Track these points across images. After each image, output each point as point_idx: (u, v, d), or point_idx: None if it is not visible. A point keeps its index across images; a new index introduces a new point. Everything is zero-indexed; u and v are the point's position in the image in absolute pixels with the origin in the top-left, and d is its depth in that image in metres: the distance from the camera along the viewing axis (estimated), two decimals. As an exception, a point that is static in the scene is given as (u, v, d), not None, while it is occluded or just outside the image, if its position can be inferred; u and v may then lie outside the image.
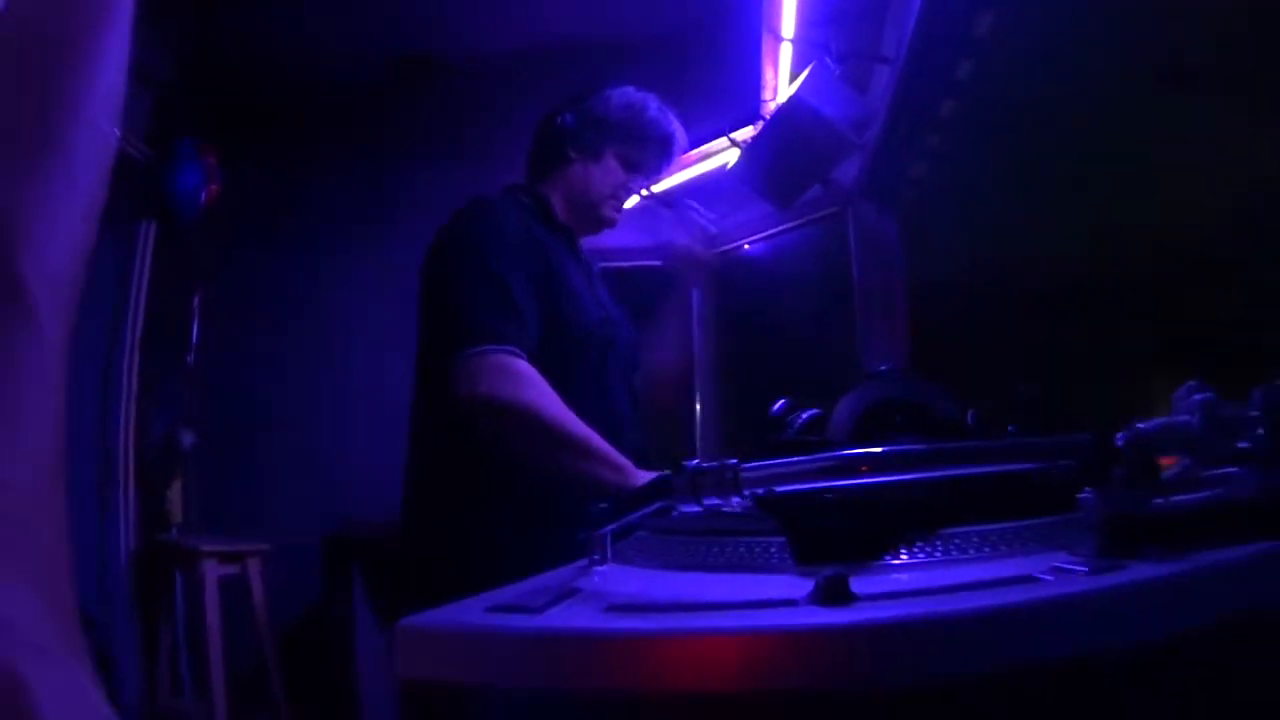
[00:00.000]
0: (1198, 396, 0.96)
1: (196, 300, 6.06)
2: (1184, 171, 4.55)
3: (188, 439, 5.72)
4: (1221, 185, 4.41)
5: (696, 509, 1.00)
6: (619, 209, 2.90)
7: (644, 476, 2.25)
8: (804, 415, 1.50)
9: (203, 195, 5.53)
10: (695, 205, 5.51)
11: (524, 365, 2.29)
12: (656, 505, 1.03)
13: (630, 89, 2.90)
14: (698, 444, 5.99)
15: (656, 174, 2.99)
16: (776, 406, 1.60)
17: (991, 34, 3.23)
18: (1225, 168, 4.40)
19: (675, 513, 1.04)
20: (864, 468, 0.89)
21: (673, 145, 2.93)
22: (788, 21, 4.04)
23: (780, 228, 5.29)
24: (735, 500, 0.97)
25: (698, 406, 6.04)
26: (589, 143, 2.82)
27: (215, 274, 6.13)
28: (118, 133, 1.04)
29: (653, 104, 2.88)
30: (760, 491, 0.96)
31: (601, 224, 2.89)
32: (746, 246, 5.70)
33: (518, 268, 2.45)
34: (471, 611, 0.89)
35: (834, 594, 0.78)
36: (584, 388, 2.49)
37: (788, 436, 1.48)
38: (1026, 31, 3.47)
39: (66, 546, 0.95)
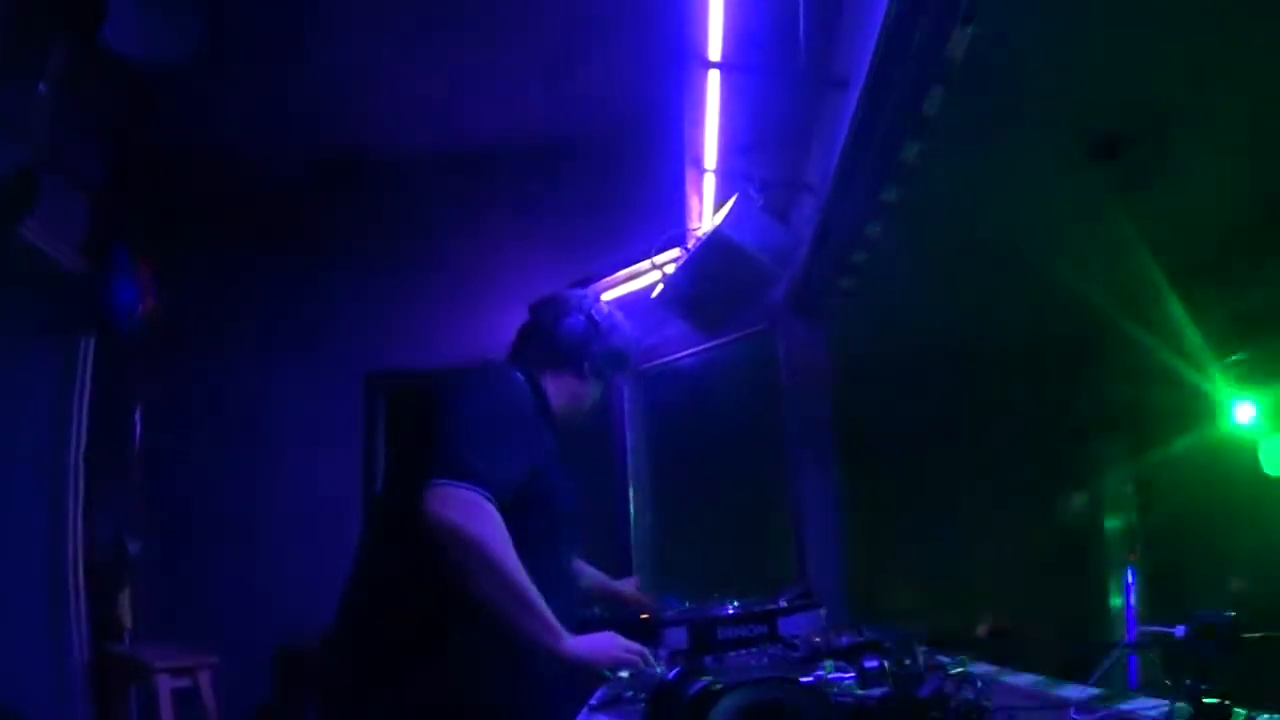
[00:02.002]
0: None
1: (138, 411, 6.07)
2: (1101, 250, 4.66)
3: (134, 546, 5.73)
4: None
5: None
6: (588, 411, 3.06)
7: (571, 641, 2.43)
8: (695, 686, 1.53)
9: (139, 308, 5.53)
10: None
11: (492, 509, 2.38)
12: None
13: (603, 305, 3.08)
14: (632, 542, 6.03)
15: (616, 377, 3.19)
16: (671, 674, 1.64)
17: (920, 159, 3.26)
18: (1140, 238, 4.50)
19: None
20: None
21: (633, 354, 3.14)
22: (709, 152, 4.08)
23: (708, 344, 5.33)
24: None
25: (631, 509, 6.07)
26: (575, 359, 2.95)
27: (155, 384, 6.14)
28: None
29: (622, 321, 3.06)
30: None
31: (577, 425, 3.03)
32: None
33: (521, 443, 2.62)
34: None
35: None
36: (549, 562, 2.64)
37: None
38: (959, 154, 3.51)
39: None
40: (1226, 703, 1.42)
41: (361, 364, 6.51)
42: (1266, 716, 1.47)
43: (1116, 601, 5.80)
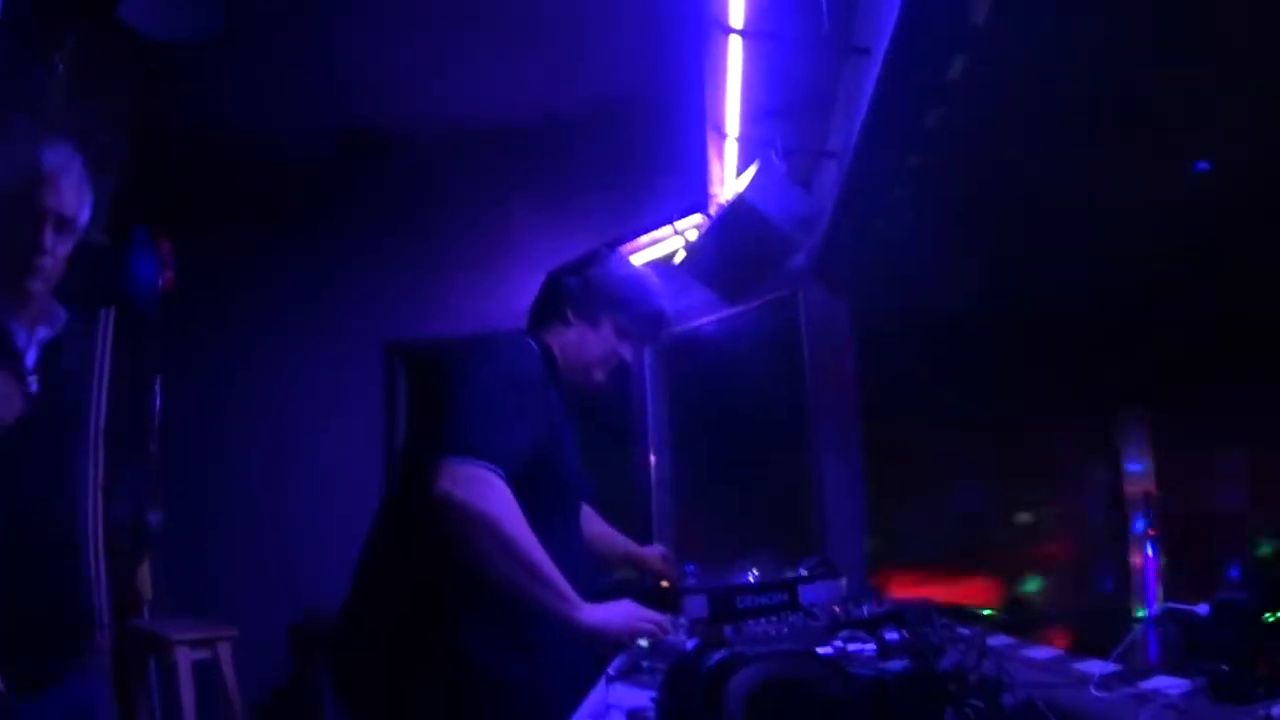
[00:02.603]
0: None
1: (157, 385, 6.08)
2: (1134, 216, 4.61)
3: (154, 518, 5.74)
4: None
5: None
6: (606, 373, 3.01)
7: (588, 610, 2.44)
8: (714, 658, 1.52)
9: (159, 283, 5.53)
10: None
11: (501, 483, 2.39)
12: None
13: (629, 261, 3.11)
14: (653, 510, 6.03)
15: (644, 343, 3.13)
16: (689, 644, 1.64)
17: (942, 125, 3.23)
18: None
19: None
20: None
21: (664, 320, 3.11)
22: (731, 118, 4.06)
23: (730, 311, 5.30)
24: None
25: (653, 477, 6.06)
26: (588, 309, 2.93)
27: (174, 358, 6.15)
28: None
29: (649, 280, 3.05)
30: None
31: (589, 385, 2.99)
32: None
33: (528, 411, 2.60)
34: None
35: None
36: (559, 531, 2.65)
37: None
38: (982, 121, 3.48)
39: None
40: (1247, 683, 1.41)
41: (381, 335, 6.52)
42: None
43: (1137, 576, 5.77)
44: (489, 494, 2.35)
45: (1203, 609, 1.56)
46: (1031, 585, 5.81)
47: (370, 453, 6.33)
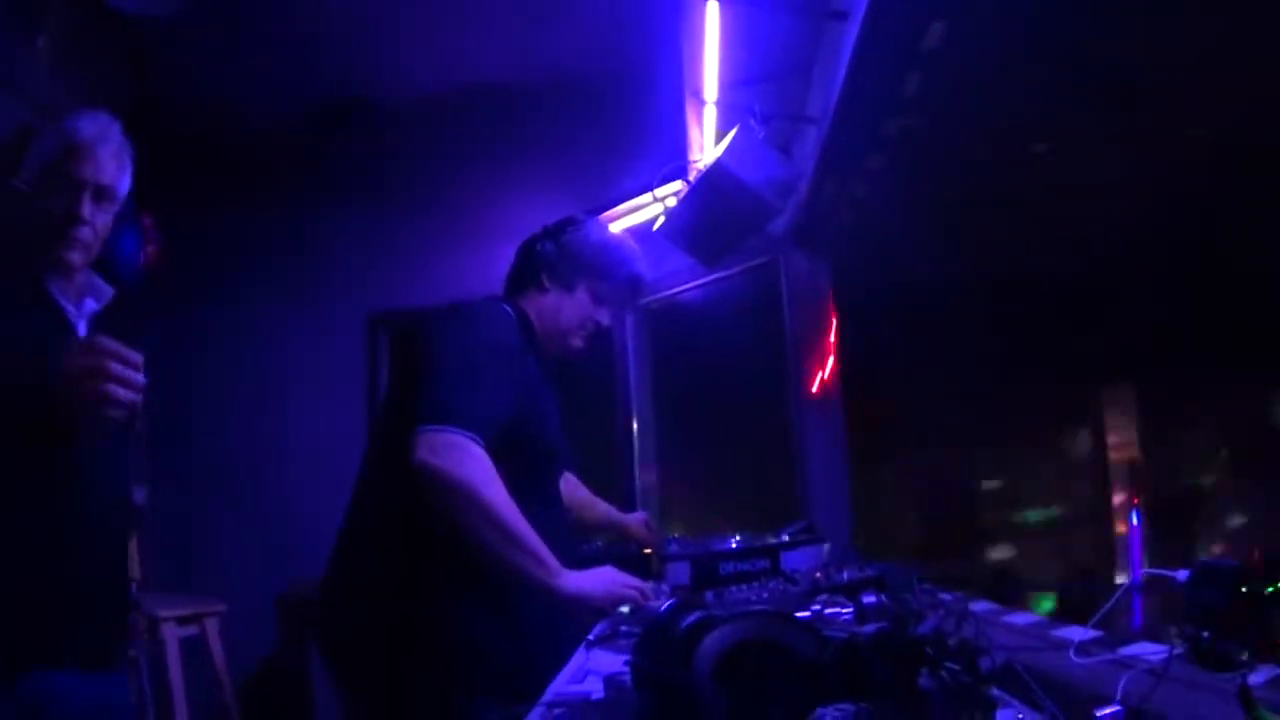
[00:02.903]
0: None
1: (141, 361, 6.04)
2: (1112, 192, 4.60)
3: (139, 494, 5.72)
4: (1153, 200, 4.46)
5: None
6: (585, 339, 2.99)
7: (569, 577, 2.45)
8: (689, 619, 1.52)
9: (141, 258, 5.50)
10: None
11: (479, 450, 2.38)
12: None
13: (605, 225, 3.06)
14: (635, 478, 6.03)
15: (621, 308, 3.10)
16: (664, 606, 1.63)
17: (920, 91, 3.22)
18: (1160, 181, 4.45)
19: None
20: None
21: (641, 285, 3.08)
22: (710, 84, 4.04)
23: (711, 277, 5.29)
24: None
25: (635, 445, 6.06)
26: (563, 275, 2.91)
27: (158, 331, 6.12)
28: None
29: (625, 245, 3.01)
30: None
31: (567, 352, 2.98)
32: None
33: (505, 377, 2.60)
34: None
35: None
36: (539, 498, 2.67)
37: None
38: (962, 88, 3.47)
39: None
40: (1227, 649, 1.41)
41: (364, 305, 6.50)
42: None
43: (1122, 542, 5.79)
44: (467, 461, 2.35)
45: (1183, 574, 1.56)
46: (1013, 552, 5.85)
47: (354, 424, 6.30)
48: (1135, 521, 5.59)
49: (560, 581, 2.41)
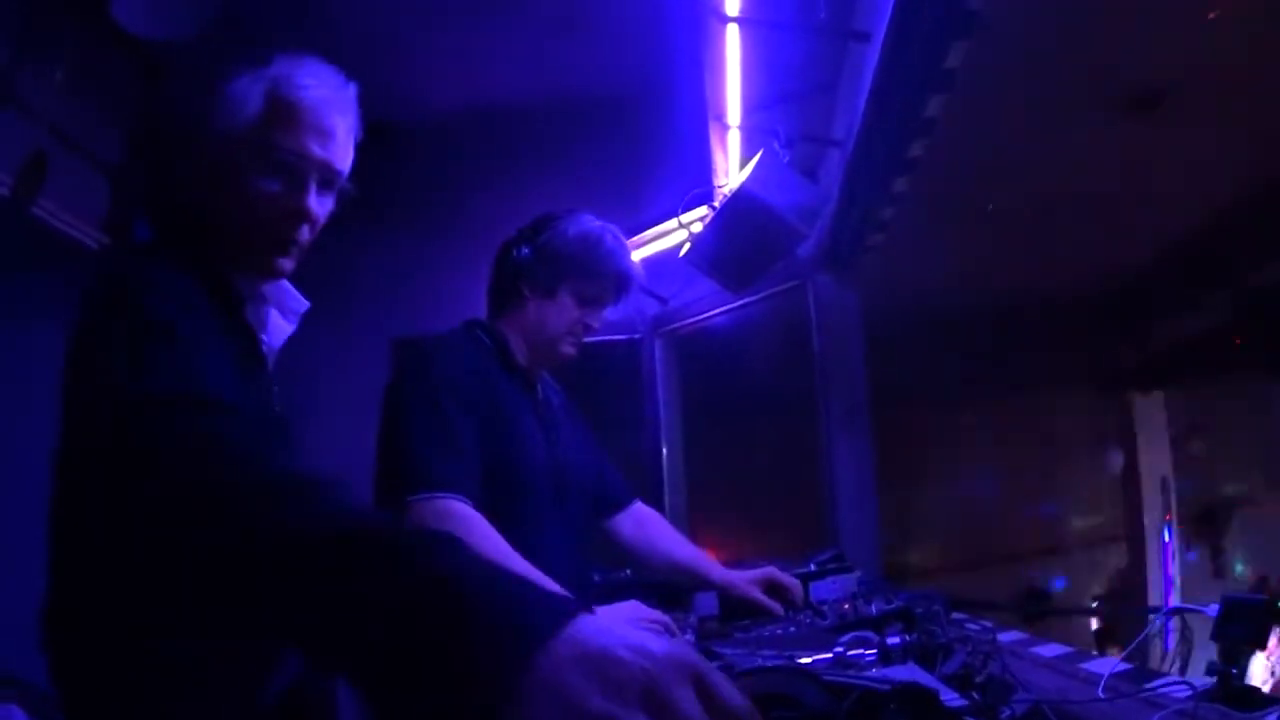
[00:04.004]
0: None
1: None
2: (1143, 201, 4.56)
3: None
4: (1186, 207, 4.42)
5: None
6: (577, 345, 2.81)
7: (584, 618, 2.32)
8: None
9: (164, 281, 5.49)
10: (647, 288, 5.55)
11: (468, 511, 2.32)
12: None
13: (586, 219, 2.82)
14: (665, 504, 5.97)
15: (612, 306, 2.91)
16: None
17: (944, 112, 3.19)
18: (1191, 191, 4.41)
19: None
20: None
21: (629, 279, 2.84)
22: (733, 108, 4.01)
23: (738, 302, 5.25)
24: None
25: (664, 470, 6.02)
26: (543, 280, 2.75)
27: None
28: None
29: (608, 237, 2.79)
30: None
31: (559, 360, 2.82)
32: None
33: (466, 411, 2.48)
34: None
35: None
36: (526, 527, 2.53)
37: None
38: (985, 108, 3.44)
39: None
40: (1257, 689, 1.38)
41: (388, 330, 6.48)
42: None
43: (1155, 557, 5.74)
44: (461, 531, 2.22)
45: (1212, 610, 1.52)
46: (1045, 574, 5.80)
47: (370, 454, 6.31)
48: (1167, 539, 5.54)
49: None
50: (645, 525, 3.19)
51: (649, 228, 5.18)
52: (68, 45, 4.56)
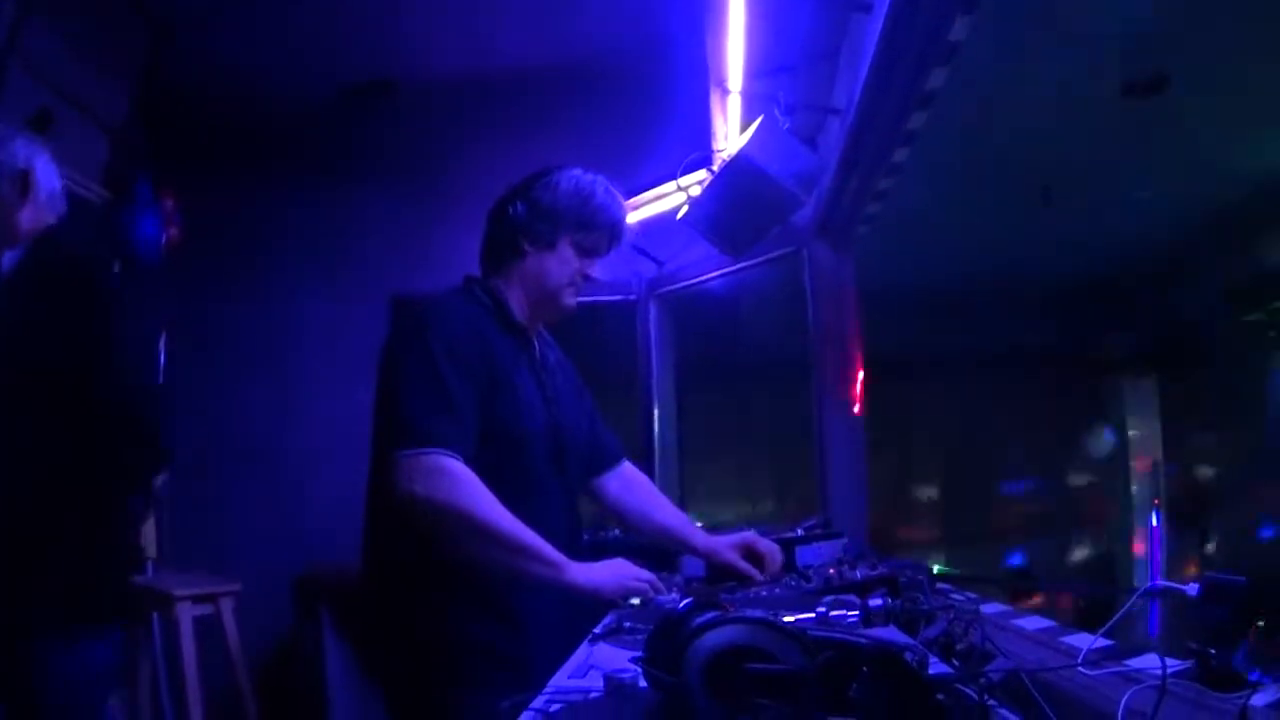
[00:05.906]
0: None
1: (162, 341, 6.04)
2: (1136, 188, 4.57)
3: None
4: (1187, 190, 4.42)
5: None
6: (577, 295, 2.84)
7: (578, 570, 2.41)
8: (703, 617, 1.50)
9: (163, 239, 5.49)
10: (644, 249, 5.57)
11: (458, 466, 2.35)
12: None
13: (577, 172, 2.83)
14: (655, 467, 5.99)
15: (607, 255, 2.93)
16: (681, 605, 1.61)
17: (946, 85, 3.18)
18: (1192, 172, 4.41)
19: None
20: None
21: (622, 228, 2.88)
22: (734, 74, 4.01)
23: (734, 267, 5.25)
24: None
25: (655, 433, 6.05)
26: (541, 233, 2.76)
27: (179, 314, 6.11)
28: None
29: (600, 188, 2.82)
30: None
31: (561, 312, 2.83)
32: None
33: (461, 369, 2.49)
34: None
35: None
36: (523, 487, 2.56)
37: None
38: (987, 84, 3.43)
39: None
40: (1235, 668, 1.38)
41: (387, 290, 6.48)
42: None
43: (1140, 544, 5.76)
44: (450, 485, 2.33)
45: (1193, 589, 1.53)
46: (1030, 549, 5.83)
47: (367, 412, 6.32)
48: (1155, 522, 5.56)
49: (570, 576, 2.38)
50: (631, 487, 3.20)
51: (647, 189, 5.17)
52: (74, 4, 4.55)
